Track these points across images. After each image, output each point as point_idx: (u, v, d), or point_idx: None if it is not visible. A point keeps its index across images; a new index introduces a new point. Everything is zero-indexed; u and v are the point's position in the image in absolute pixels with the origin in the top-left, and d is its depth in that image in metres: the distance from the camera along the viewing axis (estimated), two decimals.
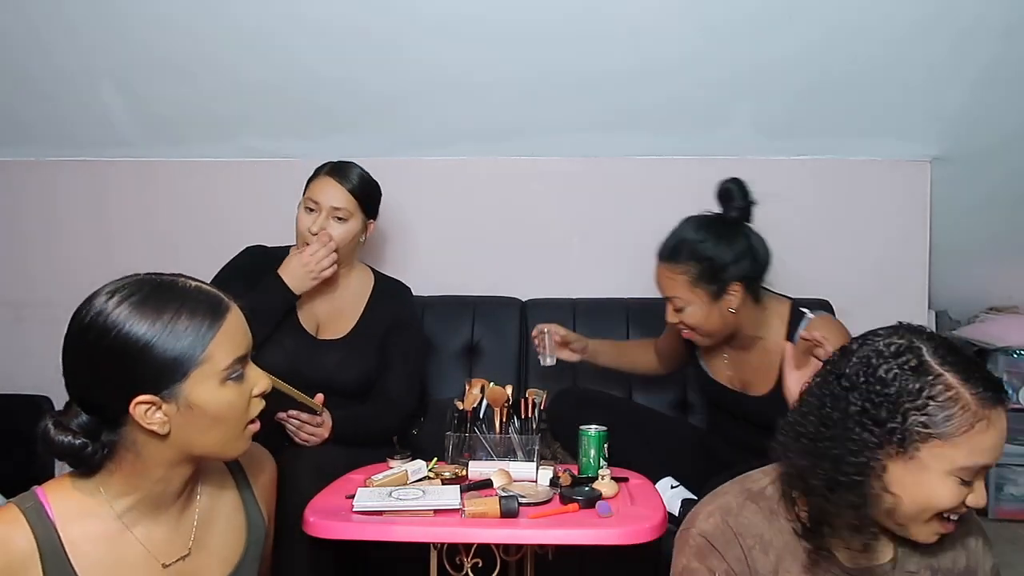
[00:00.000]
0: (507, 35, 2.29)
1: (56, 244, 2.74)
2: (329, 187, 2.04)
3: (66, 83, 2.47)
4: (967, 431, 1.00)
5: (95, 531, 1.07)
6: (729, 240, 1.88)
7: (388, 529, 1.47)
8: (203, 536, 1.16)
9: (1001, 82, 2.37)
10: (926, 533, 1.06)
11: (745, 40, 2.29)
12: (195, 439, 1.07)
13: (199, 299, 1.07)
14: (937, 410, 1.01)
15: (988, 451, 1.02)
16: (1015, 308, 3.09)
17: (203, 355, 1.04)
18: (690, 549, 1.14)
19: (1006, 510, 2.98)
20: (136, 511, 1.10)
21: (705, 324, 1.89)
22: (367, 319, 2.12)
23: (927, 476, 1.02)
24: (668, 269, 1.91)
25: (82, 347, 1.04)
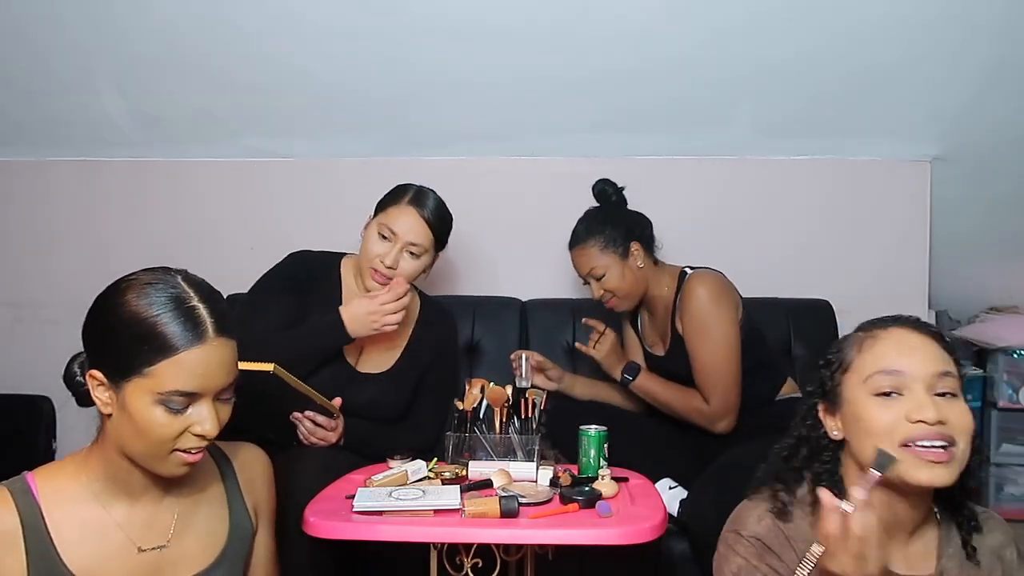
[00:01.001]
0: (507, 35, 2.29)
1: (54, 244, 2.74)
2: (409, 218, 1.94)
3: (63, 84, 2.47)
4: (859, 353, 1.15)
5: (77, 512, 1.12)
6: (614, 215, 2.20)
7: (388, 529, 1.46)
8: (183, 528, 1.19)
9: (1001, 82, 2.37)
10: (914, 471, 1.06)
11: (746, 40, 2.29)
12: (124, 439, 1.11)
13: (180, 319, 1.08)
14: (839, 356, 1.17)
15: (883, 357, 1.12)
16: (1015, 308, 3.09)
17: (149, 370, 1.07)
18: (745, 550, 1.14)
19: (1006, 510, 2.97)
20: (110, 492, 1.14)
21: (623, 284, 2.14)
22: (411, 353, 2.04)
23: (853, 406, 1.13)
24: (579, 250, 2.18)
25: (90, 312, 1.13)
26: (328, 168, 2.69)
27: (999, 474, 2.99)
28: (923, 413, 1.06)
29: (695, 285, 2.07)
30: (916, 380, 1.09)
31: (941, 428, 1.06)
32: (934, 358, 1.11)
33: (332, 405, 1.82)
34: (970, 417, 1.09)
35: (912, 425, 1.07)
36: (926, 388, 1.09)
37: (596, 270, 2.15)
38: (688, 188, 2.65)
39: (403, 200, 1.97)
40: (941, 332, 1.17)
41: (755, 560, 1.13)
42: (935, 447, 1.06)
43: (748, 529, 1.15)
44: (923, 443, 1.06)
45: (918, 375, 1.09)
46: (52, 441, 2.56)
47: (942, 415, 1.07)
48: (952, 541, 1.15)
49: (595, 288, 2.18)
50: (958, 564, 1.14)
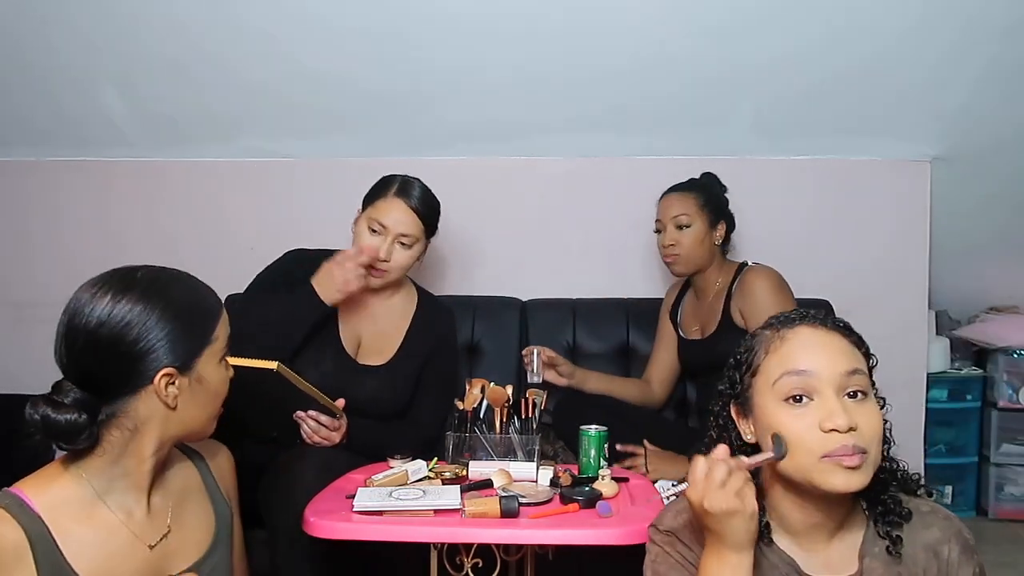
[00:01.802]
0: (507, 35, 2.29)
1: (58, 244, 2.74)
2: (398, 210, 1.95)
3: (68, 83, 2.47)
4: (767, 355, 1.12)
5: (83, 518, 1.11)
6: (721, 196, 2.29)
7: (388, 529, 1.47)
8: (178, 514, 1.22)
9: (1001, 82, 2.37)
10: (829, 477, 1.05)
11: (745, 40, 2.29)
12: (193, 415, 1.17)
13: (205, 290, 1.22)
14: (748, 357, 1.15)
15: (789, 357, 1.10)
16: (1015, 308, 3.10)
17: (213, 334, 1.18)
18: (660, 540, 1.19)
19: (1006, 510, 2.98)
20: (120, 495, 1.15)
21: (696, 249, 2.20)
22: (409, 344, 2.05)
23: (763, 412, 1.11)
24: (680, 194, 2.24)
25: (104, 328, 1.09)
26: (328, 168, 2.69)
27: (999, 474, 2.99)
28: (834, 421, 1.04)
29: (759, 275, 2.12)
30: (825, 382, 1.07)
31: (854, 437, 1.04)
32: (842, 356, 1.09)
33: (335, 405, 1.82)
34: (880, 419, 1.08)
35: (827, 436, 1.04)
36: (836, 390, 1.07)
37: (683, 218, 2.20)
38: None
39: (390, 192, 1.98)
40: (848, 326, 1.14)
41: (668, 548, 1.17)
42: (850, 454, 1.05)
43: (664, 524, 1.19)
44: (842, 454, 1.04)
45: (826, 376, 1.07)
46: None
47: (852, 421, 1.04)
48: (879, 540, 1.13)
49: (669, 235, 2.22)
50: (883, 563, 1.11)
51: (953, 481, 3.04)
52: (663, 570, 1.16)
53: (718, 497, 1.05)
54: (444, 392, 2.06)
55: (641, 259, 2.64)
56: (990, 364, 3.06)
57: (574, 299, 2.59)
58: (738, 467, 1.07)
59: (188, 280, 1.21)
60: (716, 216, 2.23)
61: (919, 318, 2.68)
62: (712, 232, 2.22)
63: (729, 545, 1.06)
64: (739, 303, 2.13)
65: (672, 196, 2.26)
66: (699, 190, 2.24)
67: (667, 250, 2.23)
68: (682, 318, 2.34)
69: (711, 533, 1.08)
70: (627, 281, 2.61)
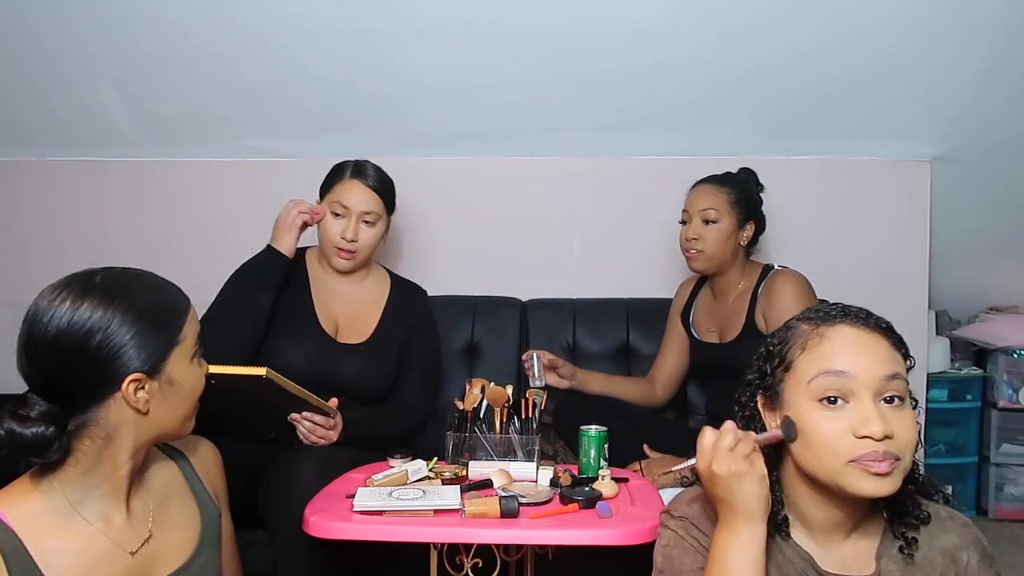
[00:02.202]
0: (507, 35, 2.29)
1: (55, 244, 2.74)
2: (357, 191, 2.02)
3: (65, 83, 2.47)
4: (803, 352, 1.09)
5: (59, 531, 1.07)
6: (755, 194, 2.22)
7: (388, 529, 1.46)
8: (160, 518, 1.19)
9: (1001, 82, 2.37)
10: (857, 482, 1.03)
11: (745, 40, 2.29)
12: (166, 417, 1.14)
13: (168, 286, 1.18)
14: (781, 350, 1.12)
15: (828, 357, 1.07)
16: (1015, 308, 3.10)
17: (180, 334, 1.14)
18: (674, 525, 1.17)
19: (1006, 510, 2.98)
20: (97, 503, 1.11)
21: (719, 247, 2.12)
22: (386, 324, 2.10)
23: (793, 409, 1.09)
24: (711, 187, 2.16)
25: (65, 336, 1.06)
26: (327, 168, 2.67)
27: (999, 474, 2.99)
28: (869, 428, 1.02)
29: (787, 280, 2.06)
30: (863, 386, 1.04)
31: (887, 444, 1.02)
32: (883, 359, 1.06)
33: (328, 405, 1.82)
34: (915, 428, 1.05)
35: (858, 442, 1.02)
36: (873, 395, 1.04)
37: (711, 213, 2.12)
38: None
39: (346, 176, 2.05)
40: (891, 327, 1.11)
41: (682, 532, 1.16)
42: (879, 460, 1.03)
43: (678, 510, 1.18)
44: (871, 460, 1.02)
45: (865, 379, 1.04)
46: None
47: (888, 429, 1.02)
48: (895, 541, 1.12)
49: (693, 228, 2.13)
50: (900, 565, 1.11)
51: (953, 481, 3.04)
52: (676, 554, 1.15)
53: (726, 459, 1.05)
54: (429, 371, 2.13)
55: (641, 259, 2.64)
56: (990, 364, 3.06)
57: (574, 299, 2.59)
58: (746, 437, 1.08)
59: (151, 279, 1.17)
60: (746, 215, 2.14)
61: (919, 318, 2.68)
62: (739, 231, 2.13)
63: (741, 514, 1.06)
64: (764, 308, 2.06)
65: (703, 188, 2.17)
66: (733, 185, 2.16)
67: (689, 243, 2.15)
68: (695, 319, 2.28)
69: (722, 504, 1.07)
70: (627, 281, 2.61)
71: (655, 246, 2.56)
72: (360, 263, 2.08)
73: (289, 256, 2.00)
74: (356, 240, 2.02)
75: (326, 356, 2.00)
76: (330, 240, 2.03)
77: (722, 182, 2.16)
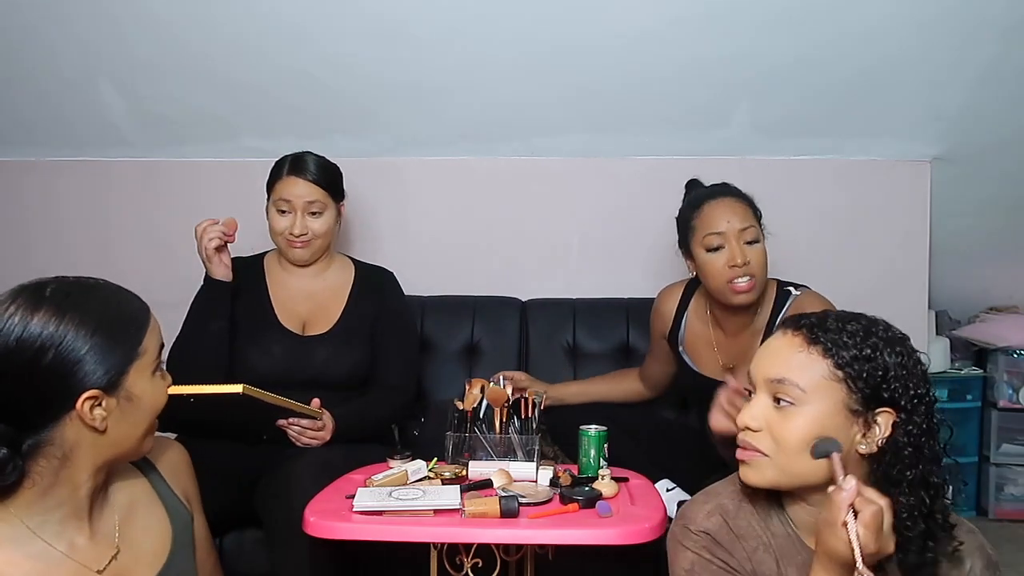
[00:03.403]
0: (507, 36, 2.29)
1: (56, 244, 2.73)
2: (295, 185, 2.03)
3: (66, 83, 2.47)
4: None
5: (17, 558, 1.03)
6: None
7: (388, 529, 1.47)
8: (126, 532, 1.14)
9: (1001, 82, 2.37)
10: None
11: (745, 41, 2.29)
12: (125, 435, 1.09)
13: (128, 297, 1.12)
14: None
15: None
16: (1015, 308, 3.10)
17: (140, 347, 1.08)
18: (695, 544, 1.15)
19: (1006, 510, 2.98)
20: (57, 525, 1.06)
21: (765, 271, 1.84)
22: (352, 310, 2.10)
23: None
24: (736, 201, 1.88)
25: (16, 353, 1.00)
26: None
27: (999, 474, 2.99)
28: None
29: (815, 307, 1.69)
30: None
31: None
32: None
33: (311, 409, 1.83)
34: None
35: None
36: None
37: (751, 231, 1.83)
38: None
39: (283, 172, 2.06)
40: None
41: (707, 555, 1.13)
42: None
43: (697, 524, 1.16)
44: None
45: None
46: None
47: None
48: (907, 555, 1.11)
49: (738, 252, 1.81)
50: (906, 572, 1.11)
51: (953, 481, 3.03)
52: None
53: (889, 541, 1.03)
54: (407, 350, 2.14)
55: (641, 259, 2.64)
56: (990, 364, 3.06)
57: (574, 299, 2.59)
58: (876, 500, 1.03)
59: (107, 288, 1.10)
60: (761, 225, 1.89)
61: (919, 318, 2.68)
62: (763, 242, 1.87)
63: (841, 571, 1.03)
64: None
65: (731, 203, 1.86)
66: (743, 195, 1.91)
67: (739, 271, 1.81)
68: (688, 344, 2.02)
69: (837, 559, 1.02)
70: (627, 281, 2.61)
71: (655, 246, 2.55)
72: (318, 251, 2.09)
73: (226, 280, 2.00)
74: (305, 232, 2.03)
75: (290, 353, 2.02)
76: (279, 236, 2.05)
77: (738, 193, 1.92)
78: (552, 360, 2.46)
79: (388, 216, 2.69)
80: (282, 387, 1.78)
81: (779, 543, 1.14)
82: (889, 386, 1.08)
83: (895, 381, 1.09)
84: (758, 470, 1.12)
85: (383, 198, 2.67)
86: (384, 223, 2.68)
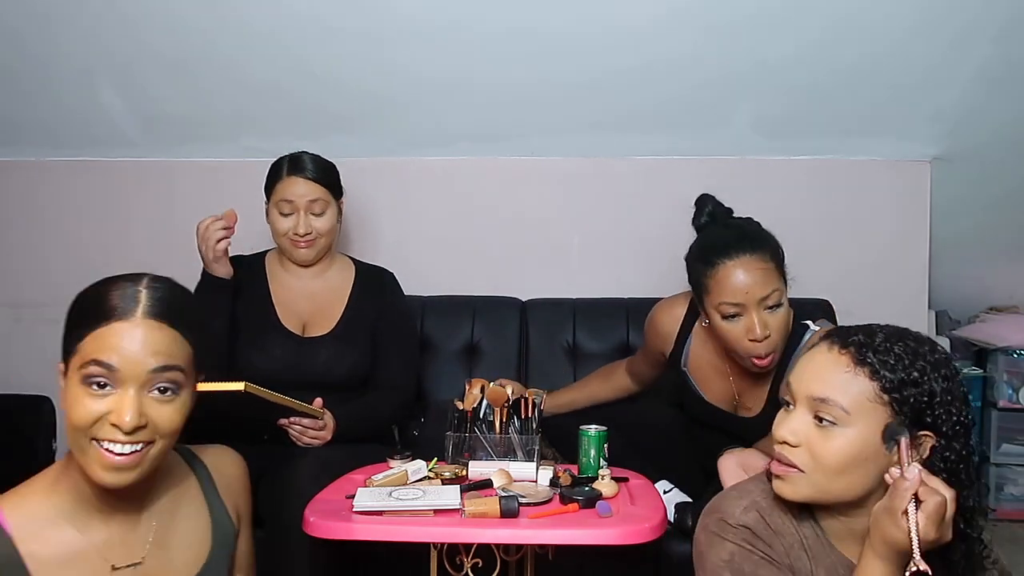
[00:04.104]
0: (507, 36, 2.29)
1: (56, 244, 2.74)
2: (296, 185, 2.03)
3: (64, 84, 2.47)
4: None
5: (50, 538, 1.04)
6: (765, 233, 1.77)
7: (388, 529, 1.47)
8: (163, 538, 1.13)
9: (1000, 82, 2.37)
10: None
11: (745, 40, 2.29)
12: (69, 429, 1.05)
13: (116, 297, 1.05)
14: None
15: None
16: (1015, 308, 3.10)
17: (79, 345, 1.03)
18: (735, 536, 1.13)
19: (1006, 510, 2.98)
20: (83, 512, 1.07)
21: (787, 327, 1.65)
22: (353, 311, 2.10)
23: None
24: (758, 260, 1.64)
25: None
26: None
27: (999, 474, 2.99)
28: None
29: None
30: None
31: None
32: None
33: (313, 408, 1.83)
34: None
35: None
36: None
37: (775, 296, 1.62)
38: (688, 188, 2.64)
39: (283, 173, 2.06)
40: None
41: (748, 546, 1.12)
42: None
43: (735, 518, 1.14)
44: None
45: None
46: (52, 441, 2.56)
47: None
48: None
49: (758, 319, 1.62)
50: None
51: None
52: (748, 568, 1.11)
53: (948, 530, 1.02)
54: (408, 350, 2.15)
55: (641, 259, 2.64)
56: (990, 364, 3.06)
57: (574, 299, 2.59)
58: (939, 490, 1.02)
59: (107, 286, 1.08)
60: (784, 272, 1.69)
61: (919, 318, 2.68)
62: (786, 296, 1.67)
63: (897, 557, 1.03)
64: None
65: (749, 263, 1.63)
66: (768, 244, 1.68)
67: (759, 344, 1.64)
68: (693, 367, 1.91)
69: (892, 544, 1.02)
70: (627, 281, 2.61)
71: (655, 246, 2.55)
72: (322, 250, 2.09)
73: (228, 277, 1.99)
74: (310, 232, 2.04)
75: (291, 354, 2.02)
76: (283, 236, 2.05)
77: (758, 244, 1.67)
78: (552, 360, 2.46)
79: (388, 216, 2.69)
80: (282, 388, 1.77)
81: (811, 543, 1.14)
82: (933, 412, 1.07)
83: (939, 407, 1.07)
84: (793, 485, 1.10)
85: (383, 198, 2.67)
86: (384, 223, 2.68)
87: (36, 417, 2.55)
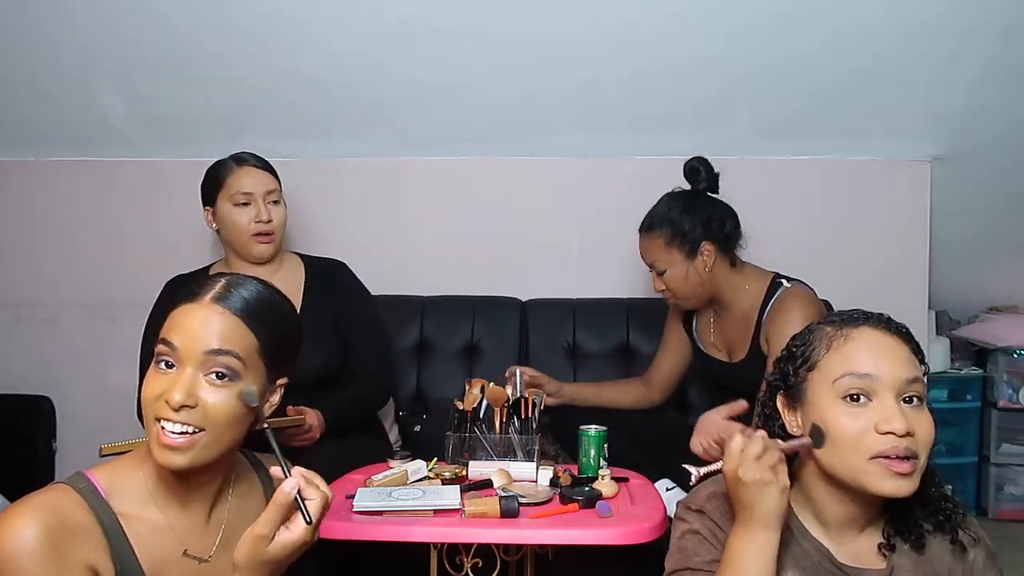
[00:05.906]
0: (507, 36, 2.29)
1: (56, 245, 2.73)
2: (251, 175, 2.03)
3: (67, 83, 2.47)
4: (827, 352, 1.12)
5: (138, 511, 1.08)
6: (695, 207, 2.05)
7: (388, 529, 1.47)
8: (230, 540, 1.12)
9: (1001, 82, 2.37)
10: (879, 482, 1.06)
11: (745, 40, 2.29)
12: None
13: (199, 283, 1.11)
14: (805, 351, 1.14)
15: (852, 357, 1.10)
16: (1015, 308, 3.10)
17: (163, 326, 1.08)
18: (691, 518, 1.18)
19: (1006, 510, 2.98)
20: (162, 493, 1.10)
21: (684, 284, 2.04)
22: (309, 308, 2.04)
23: (816, 408, 1.11)
24: (644, 238, 2.09)
25: None
26: (328, 168, 2.68)
27: (999, 474, 2.99)
28: (892, 424, 1.05)
29: (796, 301, 1.94)
30: (886, 386, 1.07)
31: (908, 441, 1.05)
32: (904, 362, 1.10)
33: (294, 418, 1.83)
34: (933, 427, 1.09)
35: (881, 438, 1.05)
36: (895, 395, 1.08)
37: (658, 264, 2.06)
38: None
39: (232, 168, 2.05)
40: (910, 333, 1.15)
41: (698, 526, 1.16)
42: (901, 459, 1.05)
43: (695, 503, 1.19)
44: (892, 453, 1.05)
45: (888, 380, 1.08)
46: (52, 441, 2.56)
47: (910, 425, 1.05)
48: (908, 536, 1.15)
49: (655, 282, 2.10)
50: (911, 560, 1.13)
51: (953, 481, 3.03)
52: (691, 545, 1.16)
53: (752, 467, 1.06)
54: (376, 336, 2.14)
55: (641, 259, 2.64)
56: (990, 364, 3.06)
57: (574, 299, 2.59)
58: (774, 446, 1.09)
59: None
60: (691, 244, 2.01)
61: (919, 318, 2.68)
62: (694, 261, 2.02)
63: (760, 520, 1.07)
64: (768, 331, 1.95)
65: (640, 240, 2.11)
66: (660, 225, 2.05)
67: (660, 294, 2.12)
68: (698, 331, 2.19)
69: (743, 508, 1.08)
70: (627, 281, 2.61)
71: None
72: (278, 245, 2.07)
73: None
74: (272, 220, 2.02)
75: None
76: (245, 230, 2.01)
77: (649, 227, 2.08)
78: (552, 360, 2.46)
79: (388, 216, 2.69)
80: None
81: (782, 538, 1.14)
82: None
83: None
84: (915, 479, 1.08)
85: (383, 198, 2.67)
86: (384, 223, 2.68)
87: (36, 417, 2.55)
